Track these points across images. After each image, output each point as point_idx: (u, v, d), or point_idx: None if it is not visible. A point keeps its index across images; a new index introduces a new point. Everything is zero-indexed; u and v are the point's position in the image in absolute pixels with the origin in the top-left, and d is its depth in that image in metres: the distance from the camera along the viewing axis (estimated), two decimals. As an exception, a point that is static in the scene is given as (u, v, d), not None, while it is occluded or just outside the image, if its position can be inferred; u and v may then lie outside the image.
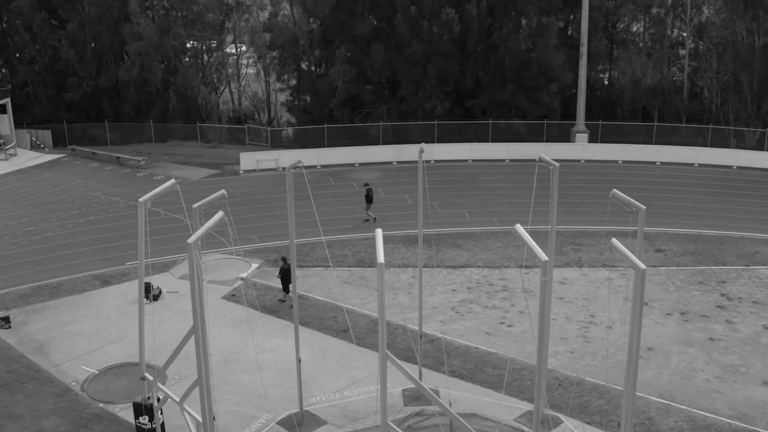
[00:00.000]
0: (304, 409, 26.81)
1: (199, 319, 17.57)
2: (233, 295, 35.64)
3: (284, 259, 35.46)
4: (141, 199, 17.93)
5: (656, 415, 26.34)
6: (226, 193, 19.88)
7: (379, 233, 16.24)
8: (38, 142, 61.76)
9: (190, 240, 17.36)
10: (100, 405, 27.76)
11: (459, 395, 27.49)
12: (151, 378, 21.60)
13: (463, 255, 39.62)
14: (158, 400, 22.61)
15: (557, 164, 22.69)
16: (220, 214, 18.20)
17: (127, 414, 27.02)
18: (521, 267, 37.80)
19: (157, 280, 36.89)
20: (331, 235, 42.60)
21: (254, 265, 38.86)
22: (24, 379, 29.28)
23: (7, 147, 59.12)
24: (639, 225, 20.33)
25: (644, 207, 20.02)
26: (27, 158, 58.68)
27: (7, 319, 33.25)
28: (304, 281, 36.64)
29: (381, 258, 15.26)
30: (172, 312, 33.92)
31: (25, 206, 48.23)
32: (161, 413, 23.33)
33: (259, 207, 46.75)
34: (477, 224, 44.00)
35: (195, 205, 19.86)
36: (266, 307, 34.38)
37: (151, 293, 35.24)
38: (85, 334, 32.49)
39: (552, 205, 23.38)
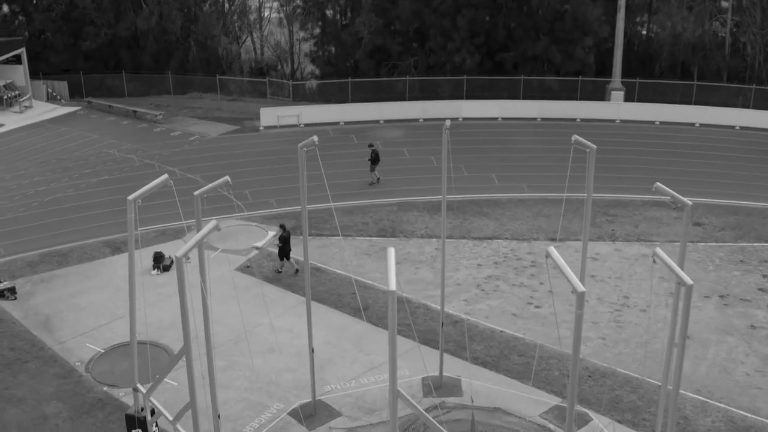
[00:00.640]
0: (317, 398, 25.39)
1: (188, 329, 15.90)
2: (248, 266, 34.12)
3: (282, 227, 33.88)
4: (130, 197, 16.27)
5: (692, 414, 24.72)
6: (230, 180, 18.08)
7: (391, 254, 14.42)
8: (54, 94, 60.27)
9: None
10: (105, 389, 26.57)
11: (481, 386, 25.98)
12: (143, 390, 20.07)
13: (490, 225, 37.85)
14: (152, 413, 21.18)
15: (594, 146, 20.65)
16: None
17: (131, 399, 25.67)
18: (557, 241, 35.97)
19: (169, 249, 35.43)
20: (351, 199, 40.88)
21: (271, 233, 37.39)
22: (27, 357, 28.11)
23: (22, 99, 57.64)
24: (684, 223, 18.36)
25: (690, 203, 18.02)
26: (42, 111, 57.25)
27: (13, 290, 32.09)
28: (322, 252, 35.11)
29: (393, 284, 13.51)
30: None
31: (37, 163, 46.92)
32: (156, 426, 21.81)
33: (279, 167, 45.09)
34: (505, 190, 42.17)
35: (196, 192, 18.18)
36: (281, 281, 32.84)
37: (162, 263, 33.79)
38: (93, 308, 31.23)
39: (588, 191, 21.42)
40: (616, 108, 53.67)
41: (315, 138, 20.71)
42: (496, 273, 33.55)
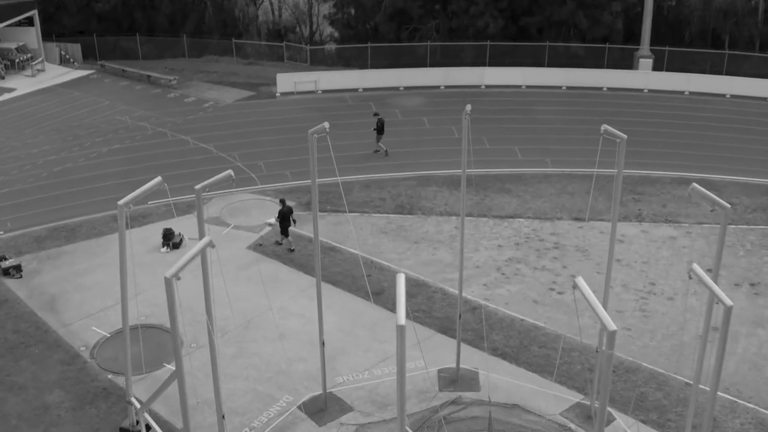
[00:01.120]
0: (329, 391, 24.38)
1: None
2: (260, 244, 33.06)
3: (282, 202, 32.77)
4: (120, 202, 15.09)
5: (720, 414, 23.58)
6: (233, 174, 16.90)
7: (401, 281, 13.18)
8: (67, 56, 59.10)
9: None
10: (109, 376, 25.73)
11: (500, 380, 24.94)
12: (138, 405, 19.06)
13: (512, 203, 36.56)
14: (147, 429, 20.22)
15: (625, 136, 19.28)
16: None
17: (136, 388, 24.82)
18: (581, 220, 34.68)
19: (179, 225, 34.41)
20: (369, 172, 39.62)
21: (285, 209, 36.05)
22: (31, 341, 27.29)
23: (34, 62, 56.50)
24: (721, 228, 16.99)
25: (728, 206, 16.67)
26: (55, 74, 56.14)
27: (18, 268, 31.25)
28: (337, 230, 34.00)
29: (402, 318, 12.34)
30: (194, 263, 31.30)
31: (48, 131, 45.93)
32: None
33: (295, 137, 43.71)
34: (528, 164, 40.77)
35: (197, 186, 17.02)
36: (294, 261, 31.80)
37: (171, 241, 32.78)
38: (99, 287, 30.34)
39: (617, 184, 20.10)
40: (644, 77, 51.95)
41: (326, 124, 19.46)
42: (517, 255, 32.33)
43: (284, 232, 32.86)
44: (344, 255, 32.31)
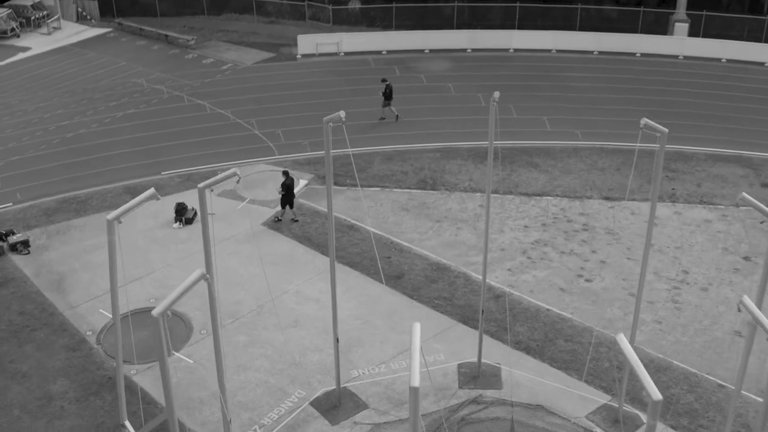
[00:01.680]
0: (343, 386, 23.23)
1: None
2: (277, 219, 31.82)
3: (286, 173, 31.53)
4: (109, 217, 13.81)
5: (755, 422, 22.03)
6: (239, 172, 15.57)
7: (416, 333, 11.85)
8: (84, 14, 57.68)
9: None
10: (115, 364, 24.45)
11: (523, 378, 23.71)
12: (131, 430, 17.94)
13: (540, 179, 35.04)
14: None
15: (666, 130, 17.77)
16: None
17: (142, 379, 23.94)
18: (611, 200, 33.16)
19: (193, 198, 33.15)
20: (391, 142, 38.22)
21: (302, 182, 34.97)
22: (36, 324, 26.35)
23: (50, 19, 55.12)
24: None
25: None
26: (71, 33, 54.79)
27: (26, 243, 30.27)
28: (356, 206, 32.74)
29: (416, 379, 11.01)
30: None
31: (61, 93, 44.72)
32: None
33: (316, 103, 42.44)
34: (558, 136, 39.15)
35: (201, 185, 15.74)
36: (312, 240, 30.58)
37: (184, 216, 31.60)
38: (107, 268, 28.97)
39: (655, 183, 18.62)
40: (679, 43, 49.86)
41: (342, 114, 17.99)
42: (544, 237, 30.92)
43: (289, 204, 31.61)
44: (363, 234, 31.05)
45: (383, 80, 40.71)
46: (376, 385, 23.68)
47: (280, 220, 31.84)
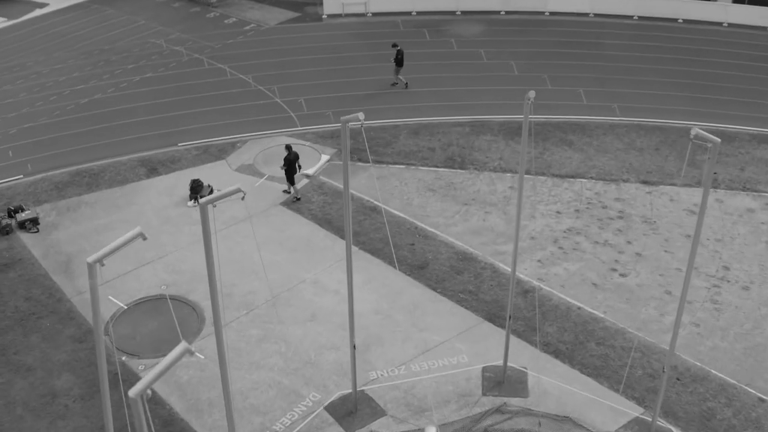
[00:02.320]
0: (360, 389, 22.18)
1: None
2: (297, 199, 30.63)
3: (288, 148, 30.70)
4: (90, 260, 12.56)
5: (801, 441, 20.90)
6: (243, 191, 14.32)
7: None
8: (104, -34, 55.99)
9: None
10: (123, 358, 23.76)
11: (551, 385, 22.64)
12: None
13: (574, 158, 33.55)
14: None
15: (718, 140, 16.32)
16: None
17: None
18: (649, 184, 31.71)
19: (209, 174, 32.10)
20: (417, 115, 36.87)
21: (324, 158, 33.70)
22: (42, 311, 25.50)
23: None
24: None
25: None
26: (90, -14, 53.25)
27: (35, 221, 29.39)
28: (381, 184, 31.64)
29: None
30: (222, 222, 29.31)
31: (78, 54, 43.55)
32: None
33: (341, 69, 41.08)
34: (594, 111, 37.49)
35: (202, 201, 14.56)
36: (333, 223, 29.44)
37: (200, 194, 30.50)
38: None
39: (704, 200, 17.21)
40: (723, 9, 47.66)
41: (361, 115, 16.66)
42: (577, 225, 29.55)
43: (290, 179, 30.31)
44: (386, 217, 29.70)
45: (394, 45, 39.21)
46: (395, 389, 22.67)
47: (299, 198, 30.64)
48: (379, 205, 30.57)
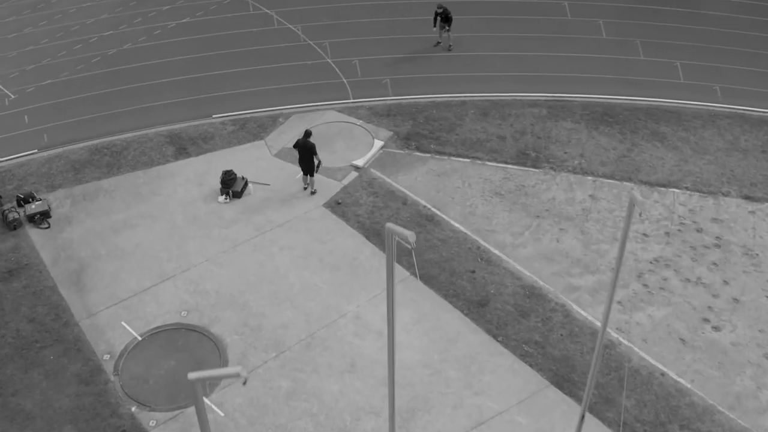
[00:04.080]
0: (402, 474, 19.92)
1: None
2: (338, 203, 27.95)
3: (308, 134, 27.89)
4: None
5: None
6: (245, 374, 11.77)
7: None
8: None
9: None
10: (133, 409, 21.81)
11: (626, 485, 19.95)
12: None
13: (667, 160, 30.34)
14: None
15: None
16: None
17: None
18: (752, 200, 28.49)
19: (245, 159, 29.50)
20: (486, 89, 34.19)
21: (378, 144, 30.84)
22: (46, 339, 23.67)
23: None
24: None
25: None
26: None
27: (46, 214, 27.23)
28: (440, 184, 28.97)
29: None
30: (255, 226, 26.86)
31: (109, -9, 40.46)
32: None
33: (402, 22, 37.83)
34: (691, 91, 34.01)
35: (192, 376, 11.93)
36: (382, 236, 27.12)
37: (231, 189, 28.01)
38: (138, 255, 26.26)
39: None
40: None
41: (412, 236, 13.38)
42: (667, 254, 26.59)
43: (309, 171, 28.18)
44: (444, 231, 27.18)
45: (439, 6, 35.52)
46: (441, 477, 20.26)
47: (340, 203, 28.00)
48: (437, 213, 27.76)
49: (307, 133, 27.22)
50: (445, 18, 35.09)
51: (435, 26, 35.68)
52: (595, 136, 31.41)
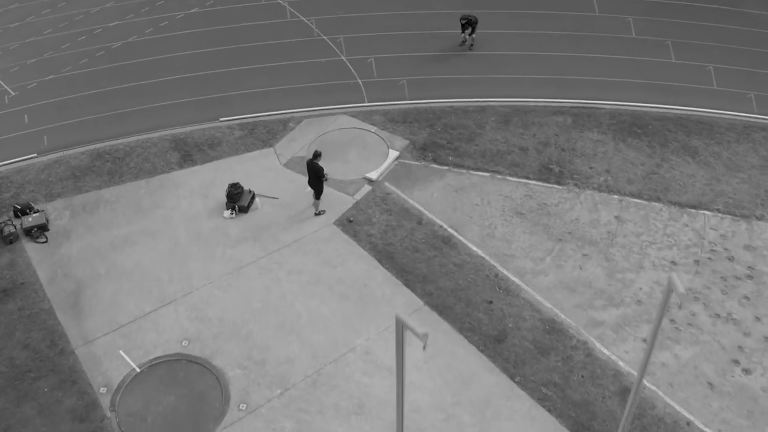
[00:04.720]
0: None
1: None
2: (350, 221, 26.94)
3: (316, 155, 26.69)
4: None
5: None
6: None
7: None
8: None
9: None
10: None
11: None
12: None
13: (698, 178, 29.21)
14: None
15: None
16: None
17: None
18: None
19: (253, 168, 28.50)
20: (508, 92, 32.96)
21: (392, 154, 29.70)
22: (41, 369, 22.96)
23: None
24: None
25: None
26: None
27: (43, 228, 26.34)
28: (457, 201, 28.03)
29: None
30: (262, 245, 25.96)
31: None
32: None
33: (420, 16, 36.74)
34: (724, 99, 32.81)
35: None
36: (395, 259, 26.15)
37: (237, 203, 27.06)
38: (138, 276, 25.35)
39: None
40: None
41: (426, 336, 12.40)
42: (696, 285, 25.55)
43: (315, 191, 27.08)
44: (461, 255, 26.12)
45: (463, 18, 34.24)
46: None
47: (352, 221, 26.99)
48: (454, 234, 26.72)
49: (316, 155, 26.14)
50: (469, 23, 33.89)
51: (462, 33, 34.42)
52: (623, 149, 30.23)
